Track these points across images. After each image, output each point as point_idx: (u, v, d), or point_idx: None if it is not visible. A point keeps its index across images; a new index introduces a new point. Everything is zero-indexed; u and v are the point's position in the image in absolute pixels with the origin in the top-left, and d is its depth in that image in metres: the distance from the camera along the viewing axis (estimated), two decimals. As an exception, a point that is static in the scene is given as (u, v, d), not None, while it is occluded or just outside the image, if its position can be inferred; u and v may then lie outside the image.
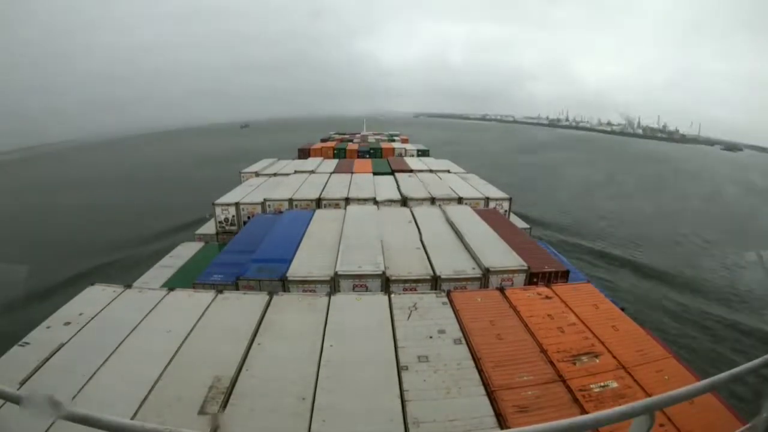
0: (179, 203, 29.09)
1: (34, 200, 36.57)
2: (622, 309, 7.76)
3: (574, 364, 5.98)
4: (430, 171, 22.17)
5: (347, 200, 15.92)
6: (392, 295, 7.72)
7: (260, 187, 18.77)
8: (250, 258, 9.89)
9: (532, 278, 9.40)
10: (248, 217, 15.41)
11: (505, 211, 16.47)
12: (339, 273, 8.96)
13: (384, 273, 8.99)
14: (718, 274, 20.81)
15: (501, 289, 8.03)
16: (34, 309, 9.22)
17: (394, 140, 42.47)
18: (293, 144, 38.15)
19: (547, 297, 7.80)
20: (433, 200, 16.32)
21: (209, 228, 16.12)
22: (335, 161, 26.51)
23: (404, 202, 16.13)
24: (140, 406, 5.02)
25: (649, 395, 5.12)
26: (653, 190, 42.98)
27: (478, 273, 9.26)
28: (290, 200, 15.87)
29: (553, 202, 34.43)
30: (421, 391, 5.41)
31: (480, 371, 5.79)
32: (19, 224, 27.90)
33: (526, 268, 9.43)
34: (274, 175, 21.73)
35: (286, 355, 6.13)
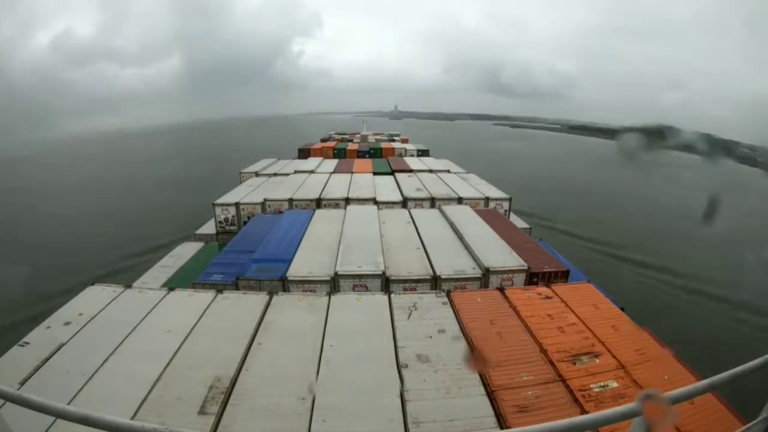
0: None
1: None
2: (622, 309, 7.76)
3: (574, 364, 5.97)
4: (430, 171, 22.17)
5: (347, 200, 15.92)
6: (392, 295, 7.71)
7: (260, 187, 18.77)
8: (250, 258, 9.89)
9: (532, 278, 9.40)
10: (248, 217, 15.41)
11: (505, 211, 16.47)
12: (339, 273, 8.96)
13: (384, 273, 8.99)
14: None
15: (501, 289, 8.02)
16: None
17: (394, 140, 42.53)
18: None
19: (547, 297, 7.80)
20: (433, 200, 16.33)
21: (209, 228, 16.12)
22: (335, 161, 26.49)
23: (404, 202, 16.14)
24: (140, 406, 5.02)
25: None
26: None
27: (478, 273, 9.26)
28: (290, 200, 15.87)
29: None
30: (421, 390, 5.40)
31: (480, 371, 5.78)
32: None
33: (526, 268, 9.43)
34: (274, 174, 21.73)
35: (286, 355, 6.13)
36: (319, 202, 15.91)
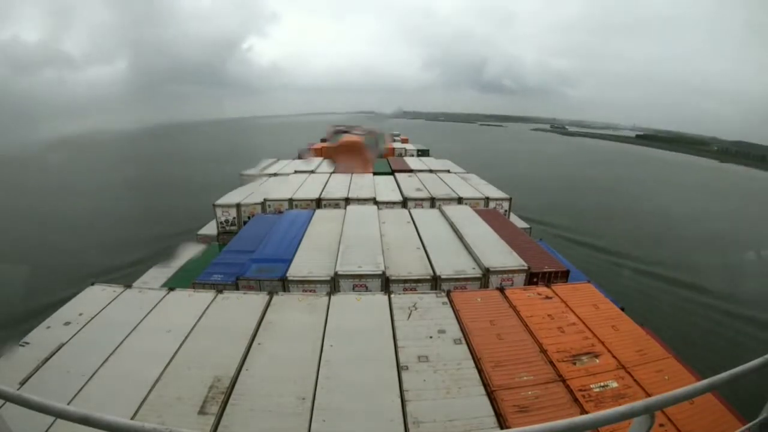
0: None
1: None
2: (622, 309, 7.76)
3: (574, 364, 5.98)
4: (430, 171, 22.17)
5: (347, 200, 15.92)
6: (392, 295, 7.72)
7: (260, 187, 18.77)
8: (250, 258, 9.89)
9: (532, 278, 9.40)
10: (248, 217, 15.41)
11: (505, 211, 16.47)
12: (339, 273, 8.96)
13: (384, 273, 8.99)
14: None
15: (501, 289, 8.02)
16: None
17: (394, 140, 42.49)
18: None
19: (547, 297, 7.80)
20: (433, 200, 16.33)
21: (210, 229, 16.12)
22: (335, 161, 26.48)
23: (404, 202, 16.14)
24: (140, 406, 5.02)
25: (649, 395, 5.12)
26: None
27: (478, 273, 9.26)
28: (290, 200, 15.87)
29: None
30: (421, 391, 5.41)
31: (480, 371, 5.78)
32: None
33: (526, 268, 9.43)
34: (275, 175, 21.74)
35: (286, 355, 6.13)
36: (319, 202, 15.91)
